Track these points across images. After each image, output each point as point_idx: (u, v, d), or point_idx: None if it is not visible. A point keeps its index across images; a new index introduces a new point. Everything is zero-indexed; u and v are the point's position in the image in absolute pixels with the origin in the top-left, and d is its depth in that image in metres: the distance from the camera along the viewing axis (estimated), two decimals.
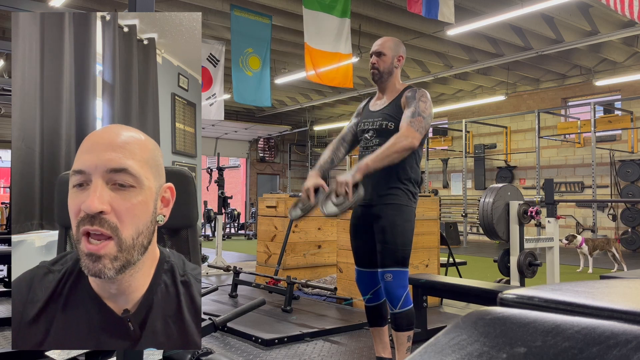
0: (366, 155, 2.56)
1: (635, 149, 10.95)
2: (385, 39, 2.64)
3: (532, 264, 4.05)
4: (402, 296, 2.43)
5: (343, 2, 7.31)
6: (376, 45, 2.60)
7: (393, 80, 2.60)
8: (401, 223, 2.44)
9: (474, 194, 13.32)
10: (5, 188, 15.29)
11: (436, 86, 13.10)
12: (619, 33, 8.52)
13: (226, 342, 3.28)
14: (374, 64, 2.59)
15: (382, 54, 2.57)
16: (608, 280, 0.75)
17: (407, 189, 2.50)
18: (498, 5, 7.61)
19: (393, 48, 2.59)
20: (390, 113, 2.51)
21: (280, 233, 5.55)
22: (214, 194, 8.96)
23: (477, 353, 0.53)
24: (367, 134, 2.57)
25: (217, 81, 8.75)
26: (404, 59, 2.64)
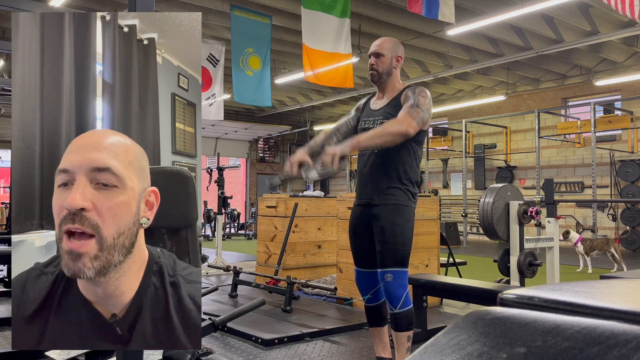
0: (365, 154, 2.56)
1: (635, 149, 10.95)
2: (383, 39, 2.63)
3: (532, 264, 4.05)
4: (402, 296, 2.43)
5: (343, 2, 7.31)
6: (374, 47, 2.59)
7: (392, 81, 2.59)
8: (401, 223, 2.44)
9: (474, 194, 13.32)
10: (5, 188, 15.30)
11: (436, 86, 13.10)
12: (619, 33, 8.52)
13: (226, 342, 3.27)
14: (372, 65, 2.58)
15: (380, 55, 2.56)
16: (608, 280, 0.75)
17: (406, 189, 2.49)
18: (498, 5, 7.61)
19: (391, 49, 2.58)
20: (391, 111, 2.50)
21: (280, 233, 5.55)
22: (214, 194, 8.96)
23: (477, 353, 0.53)
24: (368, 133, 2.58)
25: (217, 81, 8.75)
26: (403, 59, 2.63)
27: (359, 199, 2.60)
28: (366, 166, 2.56)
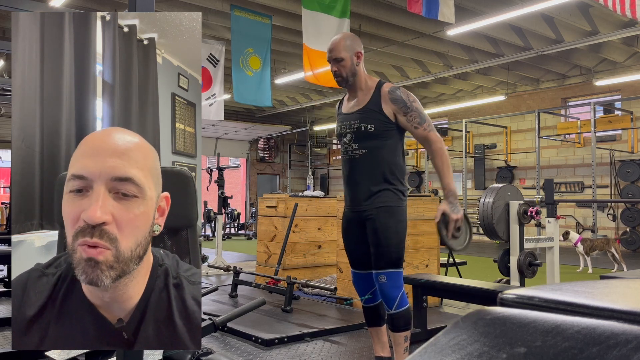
0: (347, 159, 2.50)
1: (635, 149, 10.95)
2: (336, 41, 2.49)
3: (532, 264, 4.05)
4: (397, 297, 2.42)
5: (343, 2, 7.31)
6: (331, 52, 2.47)
7: (360, 78, 2.49)
8: (393, 225, 2.42)
9: (474, 194, 13.31)
10: (5, 188, 15.29)
11: (436, 86, 13.10)
12: (619, 33, 8.52)
13: (226, 342, 3.27)
14: (335, 72, 2.48)
15: (339, 59, 2.45)
16: (608, 280, 0.75)
17: (395, 189, 2.46)
18: (498, 5, 7.61)
19: (348, 47, 2.46)
20: (368, 115, 2.43)
21: (280, 233, 5.55)
22: (214, 194, 8.95)
23: (477, 353, 0.53)
24: (345, 138, 2.50)
25: (217, 81, 8.75)
26: (362, 53, 2.51)
27: (348, 206, 2.55)
28: (351, 171, 2.50)
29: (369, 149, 2.43)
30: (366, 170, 2.45)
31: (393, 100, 2.42)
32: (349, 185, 2.54)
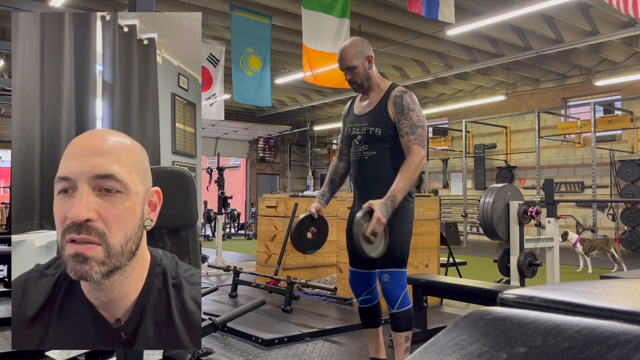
0: (357, 161, 2.53)
1: (635, 149, 10.95)
2: (345, 48, 2.51)
3: (532, 264, 4.05)
4: (400, 297, 2.43)
5: (342, 2, 7.31)
6: (342, 61, 2.50)
7: (373, 81, 2.54)
8: (398, 225, 2.43)
9: (474, 194, 13.31)
10: (5, 188, 15.29)
11: (436, 86, 13.10)
12: (619, 33, 8.52)
13: (226, 342, 3.28)
14: (350, 80, 2.52)
15: (352, 67, 2.48)
16: (608, 280, 0.75)
17: None
18: (498, 5, 7.61)
19: (358, 54, 2.49)
20: (377, 118, 2.47)
21: (280, 233, 5.55)
22: (214, 194, 8.96)
23: (477, 353, 0.53)
24: (355, 139, 2.53)
25: (217, 81, 8.75)
26: (373, 56, 2.55)
27: (358, 207, 2.55)
28: (361, 173, 2.53)
29: (378, 151, 2.46)
30: (375, 171, 2.48)
31: (394, 104, 2.46)
32: (357, 185, 2.58)
